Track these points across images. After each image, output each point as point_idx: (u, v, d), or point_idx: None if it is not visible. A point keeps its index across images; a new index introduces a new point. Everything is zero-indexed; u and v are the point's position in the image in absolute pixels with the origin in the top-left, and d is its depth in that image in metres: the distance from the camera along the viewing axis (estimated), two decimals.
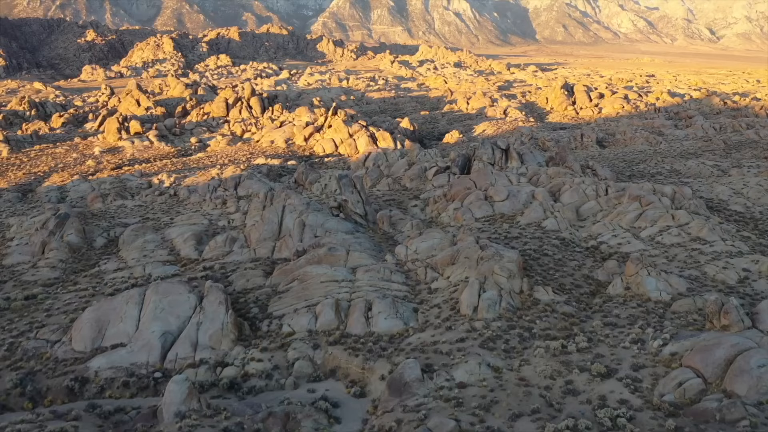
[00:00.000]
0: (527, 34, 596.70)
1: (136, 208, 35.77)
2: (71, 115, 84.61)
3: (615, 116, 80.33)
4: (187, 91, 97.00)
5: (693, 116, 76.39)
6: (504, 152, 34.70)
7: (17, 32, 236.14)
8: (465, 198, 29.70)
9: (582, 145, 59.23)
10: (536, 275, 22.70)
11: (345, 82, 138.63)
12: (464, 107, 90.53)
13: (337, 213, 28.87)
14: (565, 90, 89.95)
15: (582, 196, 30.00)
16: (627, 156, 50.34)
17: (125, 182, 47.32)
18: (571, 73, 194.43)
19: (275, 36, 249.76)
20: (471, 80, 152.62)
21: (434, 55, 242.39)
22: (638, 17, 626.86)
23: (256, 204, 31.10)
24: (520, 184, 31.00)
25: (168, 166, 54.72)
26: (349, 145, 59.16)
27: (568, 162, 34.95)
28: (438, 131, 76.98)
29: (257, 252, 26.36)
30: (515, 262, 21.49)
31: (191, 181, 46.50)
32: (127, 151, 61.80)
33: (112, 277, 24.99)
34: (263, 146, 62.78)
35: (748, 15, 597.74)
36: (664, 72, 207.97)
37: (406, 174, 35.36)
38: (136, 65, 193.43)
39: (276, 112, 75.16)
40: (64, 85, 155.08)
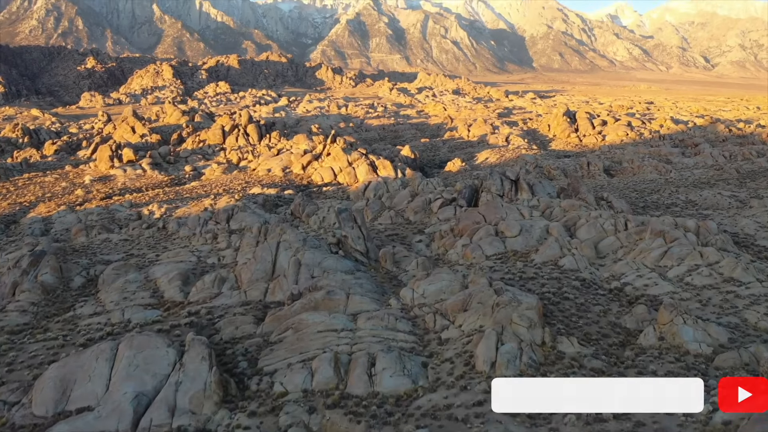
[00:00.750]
0: (524, 61, 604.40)
1: (122, 242, 33.49)
2: (64, 142, 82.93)
3: (619, 143, 78.83)
4: (183, 118, 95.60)
5: (699, 144, 74.97)
6: (513, 183, 32.65)
7: (18, 60, 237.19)
8: (474, 233, 27.50)
9: (589, 173, 57.38)
10: (558, 323, 20.35)
11: (344, 109, 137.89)
12: (465, 134, 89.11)
13: (336, 250, 26.63)
14: (567, 117, 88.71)
15: (600, 231, 27.83)
16: (638, 185, 48.38)
17: (114, 213, 45.09)
18: (570, 100, 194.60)
19: (274, 63, 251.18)
20: (470, 107, 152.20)
21: (433, 82, 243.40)
22: (633, 45, 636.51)
23: (248, 239, 28.86)
24: (532, 218, 28.85)
25: (160, 195, 52.60)
26: (349, 174, 57.23)
27: (582, 193, 32.88)
28: (439, 159, 75.30)
29: (248, 294, 24.01)
30: (535, 309, 19.18)
31: (183, 212, 44.33)
32: (118, 179, 59.77)
33: (87, 324, 22.56)
34: (259, 175, 60.83)
35: (742, 43, 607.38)
36: (662, 99, 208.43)
37: (410, 206, 33.22)
38: (135, 92, 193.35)
39: (273, 140, 73.49)
40: (62, 112, 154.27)
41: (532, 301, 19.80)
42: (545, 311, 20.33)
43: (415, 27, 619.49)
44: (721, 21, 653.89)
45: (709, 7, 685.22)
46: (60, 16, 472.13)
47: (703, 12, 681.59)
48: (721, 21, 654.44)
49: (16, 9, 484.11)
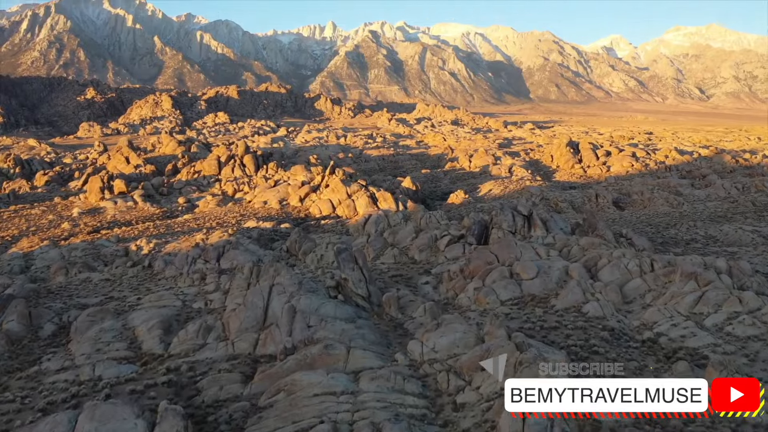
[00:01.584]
0: (521, 93, 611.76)
1: (102, 283, 30.90)
2: (56, 173, 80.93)
3: (625, 174, 77.04)
4: (180, 149, 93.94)
5: (707, 175, 73.20)
6: (526, 219, 30.33)
7: (18, 90, 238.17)
8: (486, 275, 25.04)
9: (598, 206, 55.23)
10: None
11: (343, 140, 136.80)
12: (467, 165, 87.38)
13: (335, 294, 24.11)
14: (570, 147, 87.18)
15: (624, 272, 25.40)
16: (651, 219, 46.13)
17: (99, 248, 42.58)
18: (569, 131, 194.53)
19: (274, 94, 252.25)
20: (469, 137, 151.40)
21: (431, 113, 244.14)
22: (629, 77, 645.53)
23: (239, 281, 26.34)
24: (550, 257, 26.43)
25: (150, 229, 50.17)
26: (348, 206, 54.98)
27: (599, 229, 30.57)
28: (441, 190, 73.30)
29: (236, 346, 21.37)
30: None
31: (173, 247, 41.83)
32: (108, 212, 57.42)
33: (52, 381, 19.84)
34: (255, 207, 58.55)
35: (736, 75, 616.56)
36: (661, 129, 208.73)
37: (414, 244, 30.81)
38: (134, 122, 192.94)
39: (270, 171, 71.53)
40: (59, 142, 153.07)
41: (559, 358, 17.27)
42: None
43: (413, 59, 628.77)
44: (715, 53, 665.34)
45: (702, 40, 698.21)
46: (62, 48, 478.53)
47: (697, 45, 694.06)
48: (714, 53, 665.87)
49: (18, 41, 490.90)
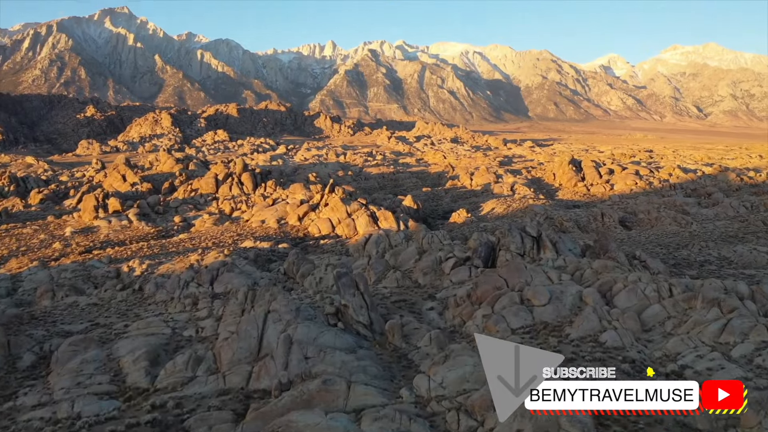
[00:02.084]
0: (520, 111, 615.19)
1: (89, 307, 29.35)
2: (51, 191, 79.69)
3: (629, 193, 75.89)
4: (177, 166, 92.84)
5: (713, 193, 72.06)
6: (535, 240, 28.94)
7: (18, 108, 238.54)
8: (495, 301, 23.57)
9: (603, 225, 53.89)
10: (614, 423, 16.17)
11: (342, 157, 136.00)
12: (468, 183, 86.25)
13: (334, 321, 22.62)
14: (572, 165, 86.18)
15: (641, 298, 23.94)
16: (661, 239, 44.74)
17: (90, 270, 41.08)
18: (569, 149, 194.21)
19: (273, 112, 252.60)
20: (469, 155, 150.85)
21: (431, 130, 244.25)
22: (627, 95, 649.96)
23: (232, 307, 24.83)
24: (562, 282, 24.98)
25: (144, 249, 48.69)
26: (348, 226, 53.61)
27: (611, 251, 29.17)
28: (442, 209, 72.03)
29: (228, 380, 19.80)
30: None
31: (166, 268, 40.38)
32: (101, 231, 55.99)
33: (27, 419, 18.23)
34: (253, 226, 57.16)
35: (733, 93, 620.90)
36: (661, 147, 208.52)
37: (418, 266, 29.35)
38: (134, 140, 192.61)
39: (269, 189, 70.30)
40: (57, 160, 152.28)
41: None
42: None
43: (413, 77, 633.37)
44: (712, 72, 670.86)
45: (699, 59, 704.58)
46: (63, 66, 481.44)
47: (694, 63, 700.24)
48: (712, 72, 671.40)
49: (20, 59, 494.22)
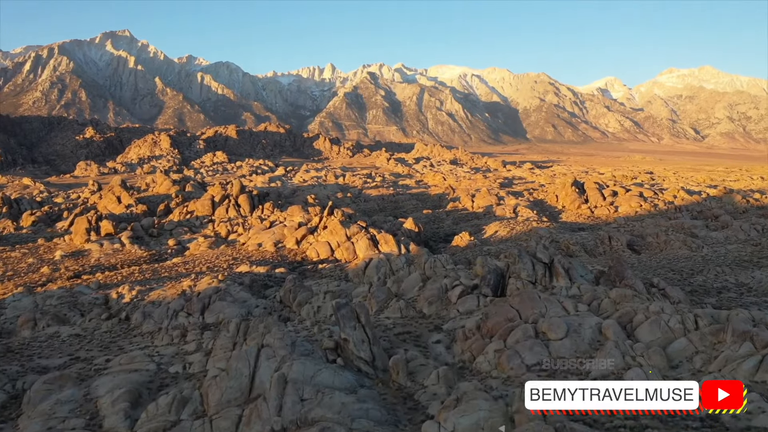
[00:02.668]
0: (518, 133, 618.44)
1: (71, 339, 27.44)
2: (44, 213, 77.94)
3: (634, 215, 74.38)
4: (174, 188, 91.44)
5: (719, 215, 70.60)
6: (547, 267, 27.23)
7: (17, 129, 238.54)
8: (508, 334, 21.76)
9: (611, 249, 52.22)
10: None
11: (341, 179, 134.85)
12: (469, 205, 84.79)
13: (333, 357, 20.77)
14: (575, 187, 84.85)
15: (665, 330, 22.14)
16: (672, 264, 43.00)
17: (77, 296, 39.18)
18: (569, 170, 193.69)
19: (272, 134, 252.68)
20: (469, 177, 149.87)
21: (430, 152, 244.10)
22: (624, 117, 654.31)
23: (223, 340, 22.98)
24: (579, 313, 23.21)
25: (135, 274, 46.83)
26: (347, 249, 51.86)
27: (627, 278, 27.45)
28: (443, 232, 70.40)
29: (215, 425, 17.87)
30: None
31: (157, 295, 38.49)
32: (93, 255, 54.15)
33: None
34: (249, 250, 55.39)
35: (730, 115, 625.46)
36: (661, 169, 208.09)
37: (422, 294, 27.56)
38: (132, 161, 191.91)
39: (266, 211, 68.70)
40: (55, 181, 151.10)
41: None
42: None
43: (411, 100, 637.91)
44: (709, 94, 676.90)
45: (696, 82, 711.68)
46: (64, 88, 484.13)
47: (691, 86, 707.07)
48: (708, 94, 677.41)
49: (21, 81, 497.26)
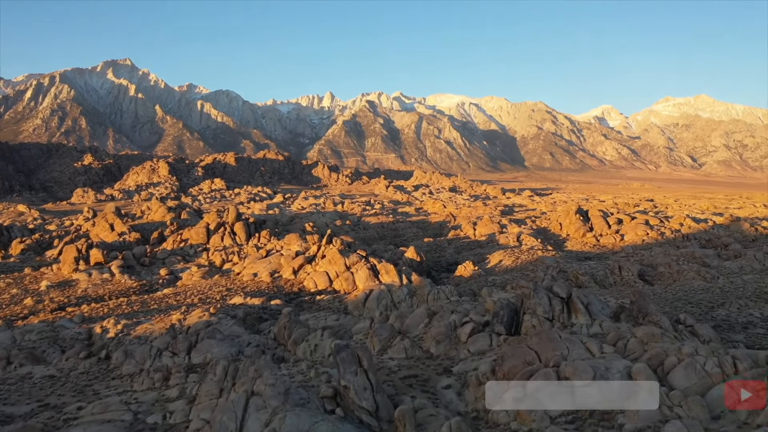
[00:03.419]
0: (516, 161, 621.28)
1: (43, 381, 25.01)
2: (34, 240, 75.71)
3: (641, 244, 72.36)
4: (169, 215, 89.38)
5: (729, 244, 68.69)
6: (564, 302, 25.07)
7: (15, 156, 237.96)
8: (527, 379, 19.46)
9: (622, 279, 50.03)
10: None
11: (340, 206, 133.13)
12: (471, 233, 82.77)
13: (332, 407, 18.43)
14: (579, 215, 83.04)
15: (702, 375, 19.83)
16: (689, 296, 40.77)
17: (58, 331, 36.73)
18: (569, 198, 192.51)
19: (271, 161, 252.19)
20: (469, 204, 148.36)
21: (429, 179, 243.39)
22: (622, 145, 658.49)
23: (209, 385, 20.64)
24: (605, 355, 20.94)
25: (123, 306, 44.43)
26: (346, 280, 49.61)
27: (651, 314, 25.23)
28: (446, 261, 68.25)
29: None
30: None
31: (143, 329, 36.09)
32: (80, 285, 51.78)
33: None
34: (244, 280, 53.08)
35: (727, 144, 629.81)
36: (661, 197, 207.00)
37: (429, 332, 25.28)
38: (130, 188, 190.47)
39: (263, 239, 66.58)
40: (51, 208, 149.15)
41: None
42: None
43: (410, 128, 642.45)
44: (705, 123, 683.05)
45: (692, 111, 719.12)
46: (64, 116, 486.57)
47: (687, 115, 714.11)
48: (704, 123, 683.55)
49: (22, 109, 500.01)
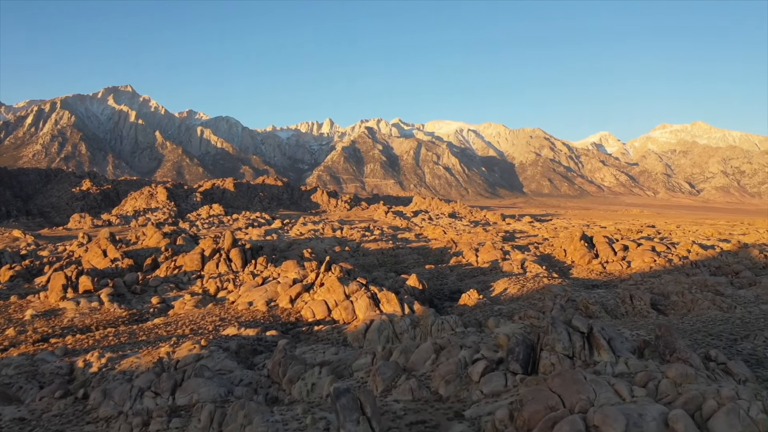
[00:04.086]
0: (514, 187, 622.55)
1: (12, 425, 22.65)
2: (24, 267, 73.47)
3: (649, 271, 70.28)
4: (164, 241, 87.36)
5: (740, 271, 66.77)
6: (585, 337, 22.97)
7: (14, 181, 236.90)
8: (551, 428, 17.26)
9: (634, 309, 47.83)
10: None
11: (339, 232, 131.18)
12: (473, 260, 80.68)
13: None
14: (584, 241, 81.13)
15: (746, 423, 17.62)
16: (708, 328, 38.54)
17: (38, 364, 34.38)
18: (569, 224, 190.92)
19: (270, 187, 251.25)
20: (469, 230, 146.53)
21: (428, 205, 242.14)
22: (620, 172, 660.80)
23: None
24: (635, 398, 18.77)
25: (110, 337, 42.07)
26: (346, 309, 47.38)
27: (680, 351, 23.07)
28: (448, 288, 66.04)
29: None
30: None
31: (129, 363, 33.74)
32: (67, 314, 49.43)
33: None
34: (239, 309, 50.78)
35: (724, 170, 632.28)
36: (662, 222, 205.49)
37: (437, 371, 23.08)
38: (127, 214, 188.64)
39: (259, 266, 64.44)
40: (46, 233, 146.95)
41: None
42: None
43: (409, 154, 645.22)
44: (702, 149, 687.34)
45: (689, 137, 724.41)
46: (64, 141, 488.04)
47: (684, 141, 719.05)
48: (701, 149, 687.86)
49: (22, 134, 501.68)
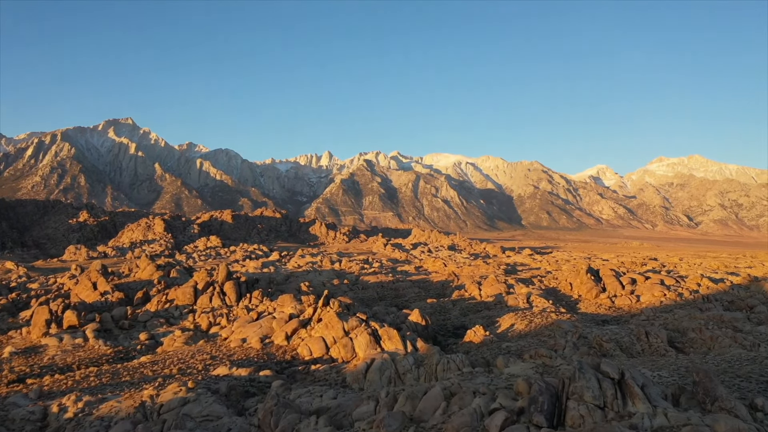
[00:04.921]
0: (513, 219, 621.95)
1: None
2: (9, 300, 70.69)
3: (659, 305, 67.64)
4: (157, 273, 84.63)
5: (754, 306, 64.24)
6: (616, 385, 20.48)
7: (10, 213, 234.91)
8: None
9: (650, 347, 45.13)
10: None
11: (337, 264, 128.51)
12: (477, 294, 78.03)
13: None
14: (591, 275, 78.70)
15: None
16: (734, 368, 35.87)
17: (9, 409, 31.53)
18: (570, 256, 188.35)
19: (268, 219, 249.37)
20: (469, 263, 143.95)
21: (427, 238, 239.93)
22: (618, 204, 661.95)
23: None
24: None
25: (91, 377, 39.15)
26: (345, 346, 44.61)
27: (722, 399, 20.57)
28: (451, 324, 63.18)
29: None
30: None
31: (108, 408, 30.94)
32: (48, 352, 46.53)
33: None
34: (231, 346, 47.93)
35: (722, 203, 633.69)
36: (664, 255, 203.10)
37: (449, 424, 20.47)
38: (124, 246, 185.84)
39: (255, 300, 61.75)
40: (40, 265, 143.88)
41: None
42: None
43: (407, 186, 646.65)
44: (699, 182, 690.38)
45: (686, 170, 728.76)
46: (64, 173, 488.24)
47: (681, 174, 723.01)
48: (699, 182, 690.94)
49: (22, 166, 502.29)
